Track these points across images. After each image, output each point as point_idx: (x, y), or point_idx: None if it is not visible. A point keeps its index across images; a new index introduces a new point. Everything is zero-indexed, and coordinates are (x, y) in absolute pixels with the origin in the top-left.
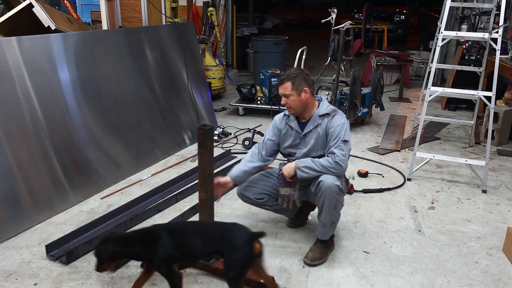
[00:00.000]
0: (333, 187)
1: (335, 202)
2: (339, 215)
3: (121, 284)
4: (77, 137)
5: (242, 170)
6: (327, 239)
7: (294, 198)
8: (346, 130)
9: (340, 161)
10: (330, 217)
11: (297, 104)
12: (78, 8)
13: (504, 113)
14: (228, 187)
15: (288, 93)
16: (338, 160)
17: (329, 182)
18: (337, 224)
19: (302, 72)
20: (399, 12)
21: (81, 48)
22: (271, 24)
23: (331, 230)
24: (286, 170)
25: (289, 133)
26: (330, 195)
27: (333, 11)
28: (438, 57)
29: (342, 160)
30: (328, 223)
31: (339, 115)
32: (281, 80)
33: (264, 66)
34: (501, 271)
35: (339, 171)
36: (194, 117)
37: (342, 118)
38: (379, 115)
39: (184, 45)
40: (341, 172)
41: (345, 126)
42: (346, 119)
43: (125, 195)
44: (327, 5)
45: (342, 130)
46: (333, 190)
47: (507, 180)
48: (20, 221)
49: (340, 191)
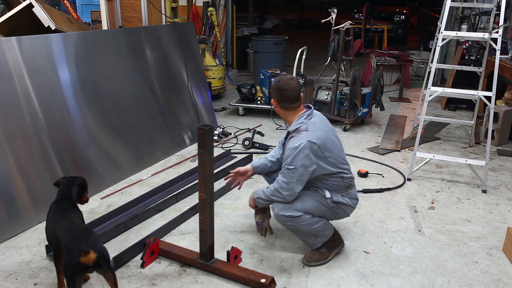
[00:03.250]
0: (279, 217)
1: (292, 228)
2: (315, 230)
3: (121, 284)
4: (77, 137)
5: (263, 162)
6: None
7: (265, 225)
8: (295, 157)
9: (280, 189)
10: (303, 236)
11: (280, 114)
12: (78, 8)
13: (504, 113)
14: (248, 176)
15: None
16: (278, 188)
17: (275, 212)
18: (326, 232)
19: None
20: (399, 12)
21: (81, 48)
22: (271, 24)
23: (317, 240)
24: (249, 200)
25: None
26: (282, 224)
27: (333, 11)
28: (438, 57)
29: (283, 188)
30: (305, 239)
31: (297, 138)
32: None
33: (264, 66)
34: (501, 271)
35: (280, 199)
36: (194, 117)
37: (297, 142)
38: (379, 115)
39: (184, 45)
40: (284, 200)
41: (296, 151)
42: (308, 142)
43: (125, 195)
44: (327, 5)
45: (290, 157)
46: (281, 220)
47: (507, 180)
48: (20, 221)
49: (289, 218)
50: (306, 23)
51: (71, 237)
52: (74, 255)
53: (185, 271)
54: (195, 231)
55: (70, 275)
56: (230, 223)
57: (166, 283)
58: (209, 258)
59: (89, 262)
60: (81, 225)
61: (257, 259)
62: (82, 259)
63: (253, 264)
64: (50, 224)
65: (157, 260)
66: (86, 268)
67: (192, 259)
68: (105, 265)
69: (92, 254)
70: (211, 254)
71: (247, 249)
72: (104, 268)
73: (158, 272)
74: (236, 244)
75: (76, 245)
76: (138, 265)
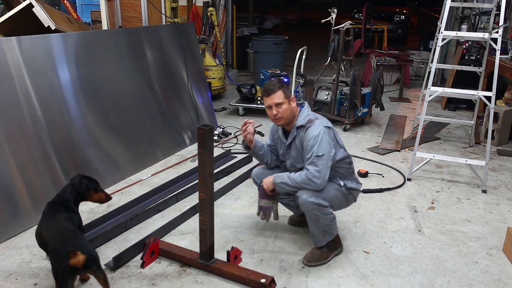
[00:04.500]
0: (307, 204)
1: (315, 217)
2: (329, 226)
3: (121, 284)
4: (77, 137)
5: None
6: (324, 245)
7: (272, 211)
8: (320, 144)
9: (313, 178)
10: (316, 229)
11: (288, 114)
12: (78, 8)
13: (504, 113)
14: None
15: (281, 101)
16: (311, 177)
17: (303, 198)
18: (334, 231)
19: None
20: (399, 12)
21: (81, 48)
22: (271, 24)
23: (326, 237)
24: (266, 184)
25: (279, 141)
26: (307, 211)
27: (333, 11)
28: (438, 57)
29: (316, 176)
30: (316, 233)
31: (314, 127)
32: (270, 90)
33: (264, 66)
34: (501, 271)
35: (313, 187)
36: (194, 117)
37: (316, 130)
38: (379, 115)
39: (184, 45)
40: (316, 188)
41: (319, 138)
42: (325, 128)
43: (125, 195)
44: (327, 5)
45: (315, 145)
46: (308, 207)
47: (507, 180)
48: (20, 221)
49: (318, 206)
50: (306, 23)
51: (58, 241)
52: (62, 259)
53: (185, 271)
54: (195, 231)
55: (61, 279)
56: (230, 223)
57: (166, 283)
58: (209, 258)
59: (78, 264)
60: (68, 228)
61: (257, 259)
62: (71, 261)
63: (253, 264)
64: (38, 225)
65: (157, 260)
66: (76, 270)
67: (192, 259)
68: (94, 266)
69: (80, 256)
70: (211, 254)
71: (247, 249)
72: (94, 269)
73: (158, 272)
74: (236, 244)
75: (64, 248)
76: (138, 265)
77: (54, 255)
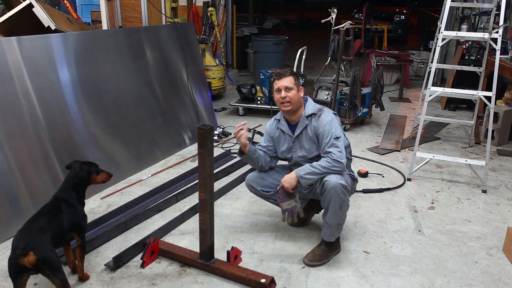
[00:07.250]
0: (338, 186)
1: (340, 202)
2: (345, 216)
3: (121, 284)
4: (77, 137)
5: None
6: (332, 241)
7: (298, 209)
8: (335, 127)
9: (338, 158)
10: (335, 218)
11: (296, 100)
12: (78, 8)
13: (504, 113)
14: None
15: (291, 86)
16: (336, 158)
17: (334, 181)
18: (343, 226)
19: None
20: (399, 12)
21: (81, 48)
22: (271, 24)
23: (337, 231)
24: (287, 182)
25: (281, 137)
26: (335, 194)
27: (333, 11)
28: (438, 57)
29: (340, 157)
30: (333, 224)
31: (325, 113)
32: (282, 74)
33: (264, 66)
34: (501, 271)
35: (340, 168)
36: (194, 117)
37: (328, 115)
38: (379, 115)
39: (184, 45)
40: (342, 169)
41: (333, 122)
42: (334, 114)
43: (125, 195)
44: (327, 5)
45: (332, 128)
46: (338, 189)
47: (507, 180)
48: (20, 221)
49: (345, 190)
50: (306, 23)
51: (18, 235)
52: (13, 254)
53: (185, 271)
54: (195, 231)
55: (9, 274)
56: (230, 223)
57: (166, 283)
58: (209, 258)
59: (27, 264)
60: (37, 225)
61: (257, 259)
62: (21, 259)
63: (253, 264)
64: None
65: (157, 260)
66: (27, 270)
67: (192, 259)
68: (47, 269)
69: (31, 256)
70: (211, 254)
71: (247, 249)
72: (47, 273)
73: (158, 272)
74: (236, 244)
75: (18, 245)
76: (138, 265)
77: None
